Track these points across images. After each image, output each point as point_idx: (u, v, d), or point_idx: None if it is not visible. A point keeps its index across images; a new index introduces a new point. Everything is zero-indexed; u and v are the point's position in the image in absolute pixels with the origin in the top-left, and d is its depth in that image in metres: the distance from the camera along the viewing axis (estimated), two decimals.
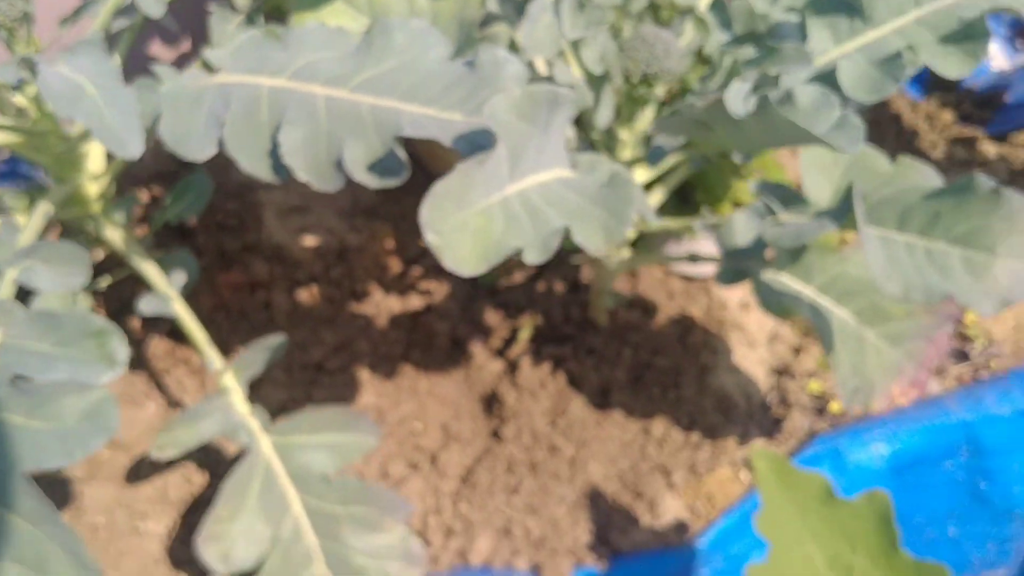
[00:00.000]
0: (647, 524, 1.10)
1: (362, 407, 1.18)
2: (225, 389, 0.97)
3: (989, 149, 1.45)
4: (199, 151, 0.81)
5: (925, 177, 0.86)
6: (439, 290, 1.27)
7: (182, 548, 1.05)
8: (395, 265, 1.31)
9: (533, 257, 0.70)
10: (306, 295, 1.27)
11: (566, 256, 1.25)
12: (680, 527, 1.10)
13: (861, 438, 1.16)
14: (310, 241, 1.31)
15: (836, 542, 0.87)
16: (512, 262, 1.25)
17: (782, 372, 1.24)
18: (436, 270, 1.29)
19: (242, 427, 0.96)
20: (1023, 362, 1.26)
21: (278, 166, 0.80)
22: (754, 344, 1.26)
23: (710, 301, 1.26)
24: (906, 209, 0.82)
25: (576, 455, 1.12)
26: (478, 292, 1.26)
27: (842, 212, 0.81)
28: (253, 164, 0.80)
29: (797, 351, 1.27)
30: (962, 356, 1.27)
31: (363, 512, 0.97)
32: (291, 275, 1.27)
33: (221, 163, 1.35)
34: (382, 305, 1.26)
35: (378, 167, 0.77)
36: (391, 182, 0.77)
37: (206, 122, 0.82)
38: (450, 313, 1.24)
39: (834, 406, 1.21)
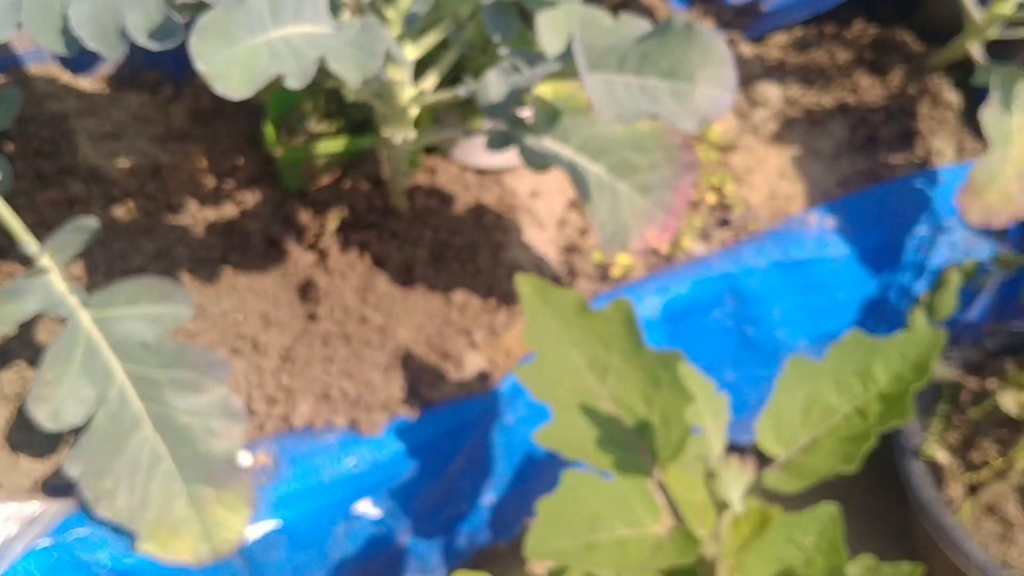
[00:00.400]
0: (454, 378, 1.23)
1: None
2: (43, 268, 1.05)
3: (746, 49, 1.64)
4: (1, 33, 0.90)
5: (642, 27, 1.01)
6: (252, 198, 1.37)
7: (20, 433, 1.12)
8: (209, 181, 1.40)
9: (294, 83, 0.81)
10: (123, 210, 1.34)
11: (367, 155, 1.38)
12: (483, 377, 1.23)
13: (637, 293, 1.32)
14: (124, 163, 1.39)
15: (593, 346, 1.02)
16: (318, 168, 1.37)
17: (570, 250, 1.39)
18: (248, 182, 1.39)
19: (62, 303, 1.04)
20: (777, 224, 1.44)
21: (70, 40, 0.89)
22: (543, 226, 1.40)
23: (502, 190, 1.40)
24: (623, 54, 0.97)
25: (385, 324, 1.24)
26: (288, 196, 1.37)
27: (566, 58, 0.96)
28: (49, 40, 0.89)
29: (583, 232, 1.42)
30: (724, 223, 1.45)
31: (184, 375, 1.07)
32: (108, 192, 1.35)
33: (36, 94, 1.43)
34: (198, 215, 1.35)
35: (157, 32, 0.87)
36: (169, 44, 0.87)
37: (5, 6, 0.90)
38: (263, 216, 1.34)
39: (615, 271, 1.36)
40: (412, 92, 1.11)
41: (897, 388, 0.92)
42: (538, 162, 1.12)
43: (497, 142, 1.12)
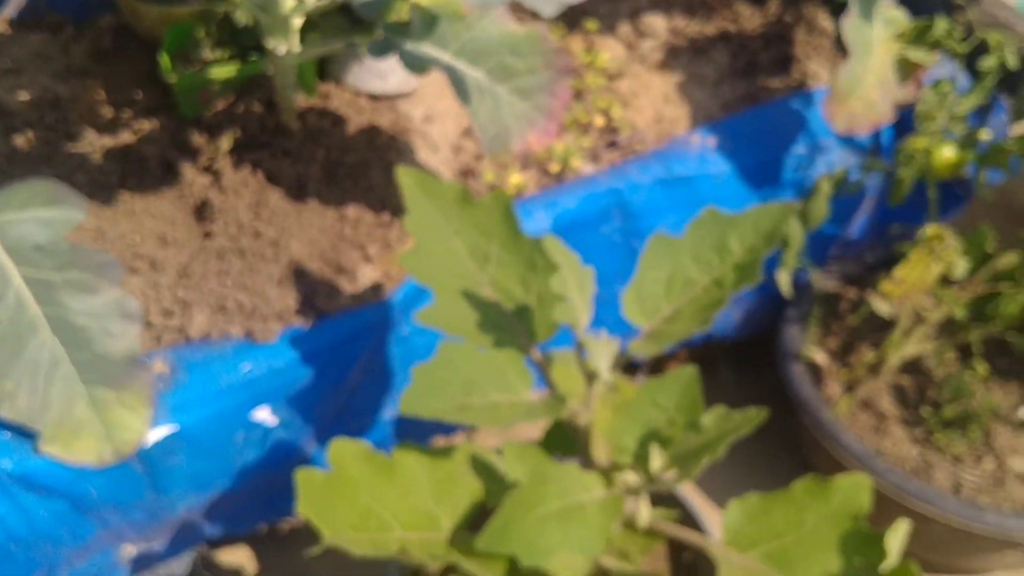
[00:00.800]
0: (348, 291, 1.27)
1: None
2: None
3: None
4: None
5: None
6: (149, 126, 1.39)
7: None
8: (107, 112, 1.42)
9: None
10: (23, 140, 1.36)
11: (261, 81, 1.41)
12: (377, 289, 1.28)
13: (527, 208, 1.37)
14: (24, 96, 1.40)
15: (474, 235, 1.07)
16: (213, 95, 1.39)
17: (465, 173, 1.44)
18: (146, 112, 1.42)
19: None
20: (662, 145, 1.51)
21: None
22: (437, 150, 1.45)
23: (396, 115, 1.44)
24: None
25: (279, 238, 1.28)
26: (184, 123, 1.39)
27: None
28: None
29: (479, 158, 1.47)
30: (612, 144, 1.51)
31: (78, 276, 1.09)
32: (7, 124, 1.37)
33: None
34: (96, 144, 1.38)
35: None
36: None
37: None
38: (160, 142, 1.37)
39: (508, 191, 1.42)
40: (292, 1, 1.15)
41: (751, 258, 0.99)
42: (418, 66, 1.16)
43: (377, 49, 1.17)
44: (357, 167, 1.35)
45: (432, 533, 0.94)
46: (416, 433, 1.38)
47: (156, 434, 1.15)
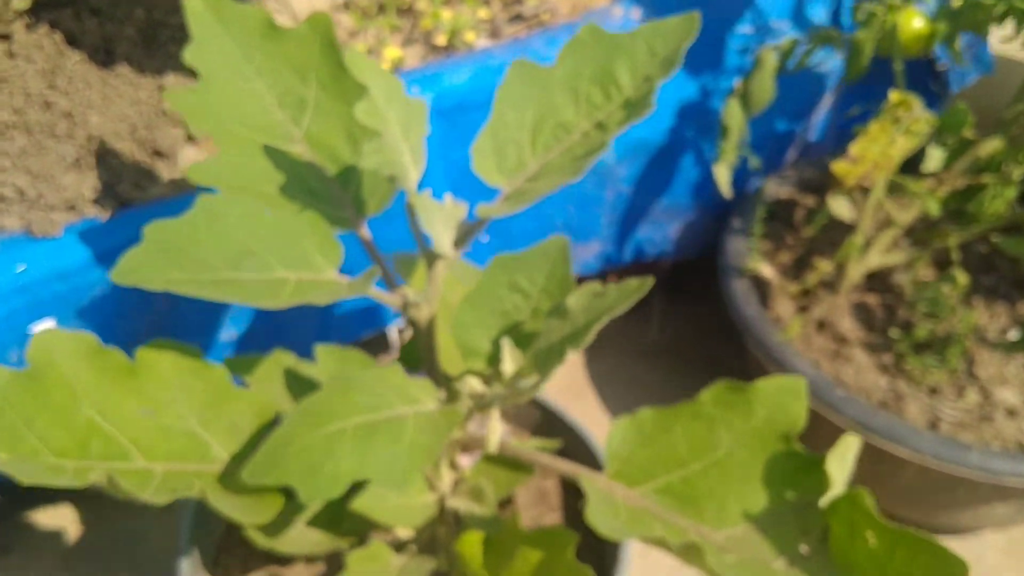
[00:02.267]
0: (165, 177, 1.01)
1: None
2: None
3: None
4: None
5: None
6: None
7: None
8: None
9: None
10: None
11: None
12: None
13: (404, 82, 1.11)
14: None
15: (285, 76, 0.80)
16: None
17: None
18: None
19: None
20: (576, 18, 1.24)
21: None
22: (297, 21, 1.18)
23: None
24: None
25: (74, 110, 1.01)
26: None
27: None
28: None
29: (352, 34, 1.21)
30: (517, 18, 1.24)
31: None
32: None
33: None
34: None
35: None
36: None
37: None
38: None
39: (383, 66, 1.15)
40: None
41: (645, 90, 0.72)
42: None
43: None
44: (184, 30, 1.08)
45: (197, 464, 0.68)
46: None
47: None
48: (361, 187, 0.77)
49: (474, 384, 0.69)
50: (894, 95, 1.01)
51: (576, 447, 0.95)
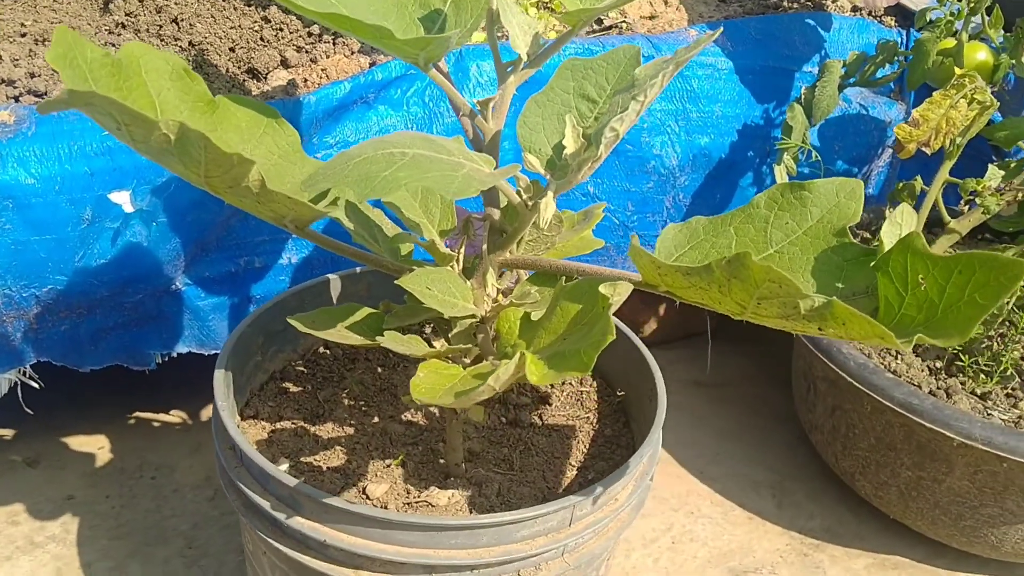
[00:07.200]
0: (254, 91, 1.07)
1: None
2: None
3: None
4: None
5: None
6: None
7: None
8: None
9: None
10: None
11: None
12: (288, 89, 1.07)
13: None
14: None
15: None
16: None
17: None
18: None
19: None
20: (652, 34, 1.32)
21: None
22: None
23: None
24: None
25: (182, 17, 1.09)
26: None
27: None
28: None
29: None
30: (595, 29, 1.32)
31: None
32: None
33: None
34: None
35: None
36: None
37: None
38: None
39: None
40: None
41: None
42: None
43: None
44: None
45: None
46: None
47: None
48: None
49: (532, 161, 0.70)
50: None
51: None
